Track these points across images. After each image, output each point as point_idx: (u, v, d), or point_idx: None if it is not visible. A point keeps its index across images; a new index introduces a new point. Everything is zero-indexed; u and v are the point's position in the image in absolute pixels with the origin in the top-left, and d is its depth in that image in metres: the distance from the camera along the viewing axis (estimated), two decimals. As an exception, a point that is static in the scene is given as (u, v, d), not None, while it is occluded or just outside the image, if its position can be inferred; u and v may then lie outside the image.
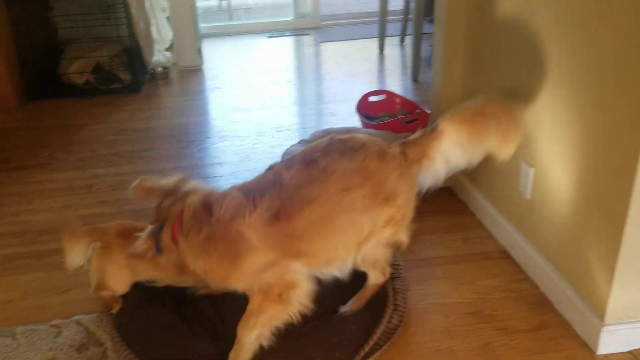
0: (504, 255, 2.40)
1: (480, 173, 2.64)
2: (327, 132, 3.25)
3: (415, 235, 2.51)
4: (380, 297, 2.04)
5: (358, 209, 1.74)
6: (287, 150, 3.06)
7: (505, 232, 2.41)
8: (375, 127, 3.25)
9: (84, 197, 3.04)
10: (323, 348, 1.83)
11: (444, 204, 2.82)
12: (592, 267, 1.87)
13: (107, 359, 1.92)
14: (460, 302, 2.14)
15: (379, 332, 1.90)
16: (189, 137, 3.81)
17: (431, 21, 5.80)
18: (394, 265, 2.13)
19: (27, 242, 2.62)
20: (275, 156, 3.38)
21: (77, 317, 2.10)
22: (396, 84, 4.72)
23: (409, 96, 4.10)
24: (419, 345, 1.95)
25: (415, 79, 4.72)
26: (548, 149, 2.07)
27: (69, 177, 3.25)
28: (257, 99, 4.51)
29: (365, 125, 3.35)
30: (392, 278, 2.08)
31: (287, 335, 1.83)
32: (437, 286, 2.24)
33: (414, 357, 1.91)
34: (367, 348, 1.84)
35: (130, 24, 4.73)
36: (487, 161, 2.50)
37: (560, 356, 1.89)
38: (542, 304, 2.12)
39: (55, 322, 2.08)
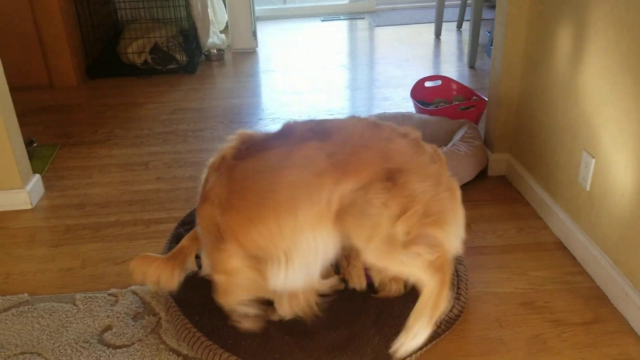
0: (559, 246, 2.35)
1: (537, 162, 2.57)
2: (380, 117, 3.24)
3: (467, 224, 2.48)
4: None
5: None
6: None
7: (562, 224, 2.35)
8: (430, 113, 3.21)
9: (140, 173, 3.13)
10: (382, 332, 1.83)
11: (499, 193, 2.77)
12: (654, 262, 1.81)
13: (161, 328, 1.98)
14: (512, 292, 2.11)
15: (439, 320, 1.86)
16: (242, 118, 3.85)
17: (490, 7, 5.67)
18: None
19: (86, 214, 2.72)
20: (327, 139, 3.39)
21: (132, 288, 2.18)
22: (452, 70, 4.64)
23: (466, 83, 4.02)
24: (468, 332, 1.94)
25: (471, 66, 4.62)
26: (611, 140, 2.00)
27: (127, 154, 3.34)
28: (309, 82, 4.51)
29: (420, 110, 3.32)
30: (456, 263, 2.06)
31: (350, 312, 1.87)
32: (489, 275, 2.20)
33: (462, 344, 1.89)
34: None
35: (187, 6, 4.81)
36: (546, 150, 2.45)
37: (613, 351, 1.84)
38: (597, 298, 2.06)
39: (112, 291, 2.16)
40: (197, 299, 1.99)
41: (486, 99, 3.06)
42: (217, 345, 1.83)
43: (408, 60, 4.91)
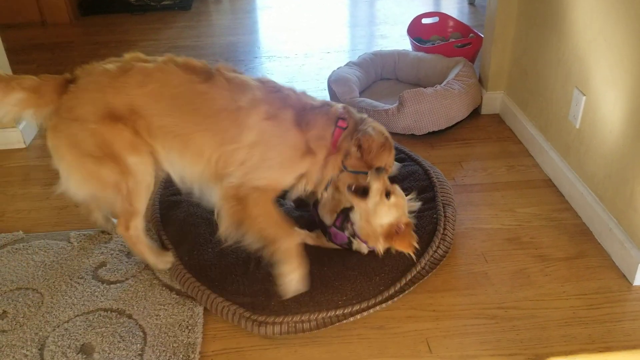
0: (548, 184, 2.36)
1: (530, 100, 2.56)
2: (376, 55, 3.19)
3: (458, 162, 2.51)
4: (429, 223, 2.01)
5: None
6: (333, 72, 3.02)
7: (551, 161, 2.36)
8: (426, 51, 3.16)
9: (134, 112, 3.11)
10: (363, 272, 1.86)
11: (491, 131, 2.77)
12: (637, 199, 1.83)
13: (153, 264, 2.03)
14: (499, 229, 2.14)
15: (423, 261, 1.90)
16: (238, 56, 3.81)
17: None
18: (444, 192, 2.11)
19: (81, 153, 2.73)
20: (323, 78, 3.36)
21: (127, 225, 2.21)
22: (452, 6, 4.53)
23: (465, 20, 3.94)
24: (453, 267, 1.98)
25: (471, 2, 4.51)
26: (602, 76, 1.98)
27: (121, 93, 3.32)
28: (306, 19, 4.42)
29: (416, 48, 3.27)
30: (444, 205, 2.06)
31: (332, 260, 1.89)
32: (477, 212, 2.23)
33: (447, 279, 1.94)
34: (409, 276, 1.87)
35: (180, -61, 4.66)
36: (539, 88, 2.43)
37: (594, 285, 1.88)
38: (582, 234, 2.09)
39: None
40: (190, 239, 2.02)
41: (482, 36, 3.00)
42: (205, 286, 1.87)
43: (407, -5, 4.80)
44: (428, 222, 2.00)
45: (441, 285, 1.91)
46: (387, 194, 1.79)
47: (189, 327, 1.77)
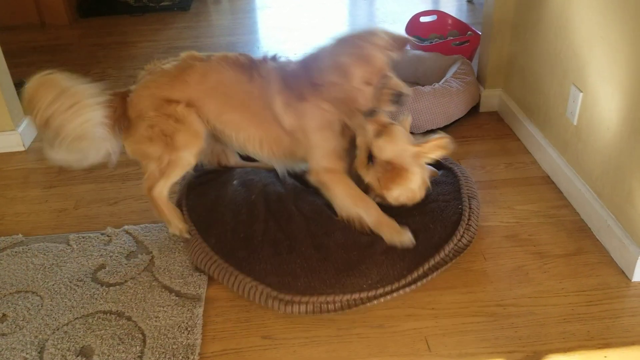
0: (547, 181, 2.36)
1: (528, 97, 2.55)
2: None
3: (456, 160, 2.51)
4: (454, 213, 2.03)
5: None
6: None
7: (550, 158, 2.36)
8: (424, 49, 3.16)
9: (133, 114, 3.12)
10: (389, 257, 1.89)
11: (489, 129, 2.76)
12: (635, 195, 1.83)
13: (154, 266, 2.03)
14: (497, 226, 2.14)
15: (447, 248, 1.92)
16: (236, 56, 3.80)
17: None
18: (469, 186, 2.13)
19: (80, 156, 2.74)
20: (321, 77, 3.36)
21: (126, 227, 2.22)
22: (450, 4, 4.53)
23: (463, 18, 3.94)
24: (452, 265, 1.97)
25: (469, 0, 4.51)
26: (598, 73, 1.98)
27: (120, 94, 3.33)
28: (306, 18, 4.43)
29: (415, 47, 3.26)
30: (469, 198, 2.08)
31: (358, 242, 1.93)
32: (475, 210, 2.23)
33: (446, 276, 1.94)
34: (432, 261, 1.89)
35: (178, -60, 4.67)
36: (537, 85, 2.43)
37: (593, 282, 1.88)
38: (580, 231, 2.09)
39: (105, 230, 2.21)
40: (218, 225, 2.05)
41: (480, 34, 3.00)
42: (233, 267, 1.91)
43: (406, -7, 4.79)
44: (453, 213, 2.02)
45: (440, 284, 1.92)
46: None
47: (188, 329, 1.78)
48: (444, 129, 2.70)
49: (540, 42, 2.39)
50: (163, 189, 2.06)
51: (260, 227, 2.00)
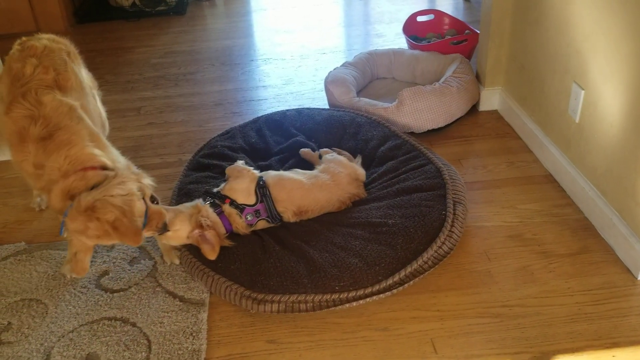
0: (549, 180, 2.36)
1: (529, 95, 2.55)
2: (371, 54, 3.19)
3: (457, 160, 2.51)
4: (437, 219, 1.99)
5: None
6: (330, 73, 3.02)
7: (552, 157, 2.35)
8: (422, 49, 3.16)
9: (132, 119, 3.12)
10: (364, 260, 1.87)
11: (490, 128, 2.76)
12: (639, 193, 1.82)
13: (157, 271, 2.03)
14: (500, 226, 2.14)
15: (426, 256, 1.90)
16: (234, 59, 3.80)
17: None
18: (456, 190, 2.09)
19: (80, 162, 2.72)
20: (319, 79, 3.36)
21: (128, 233, 2.21)
22: (446, 3, 4.52)
23: (460, 16, 3.93)
24: (456, 266, 1.98)
25: (466, -2, 4.51)
26: (600, 70, 1.97)
27: (118, 100, 3.32)
28: (301, 20, 4.42)
29: (412, 46, 3.26)
30: (454, 203, 2.05)
31: (336, 244, 1.93)
32: (478, 210, 2.23)
33: (450, 278, 1.93)
34: (409, 269, 1.87)
35: (173, -57, 4.66)
36: (537, 82, 2.42)
37: (599, 280, 1.88)
38: (585, 229, 2.09)
39: (108, 237, 2.20)
40: None
41: (478, 32, 3.00)
42: (210, 269, 1.93)
43: (402, -7, 4.79)
44: (436, 219, 1.99)
45: (444, 285, 1.91)
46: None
47: (193, 334, 1.77)
48: (445, 128, 2.70)
49: (540, 39, 2.38)
50: None
51: None
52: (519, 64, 2.62)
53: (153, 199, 1.86)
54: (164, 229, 1.87)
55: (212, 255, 1.91)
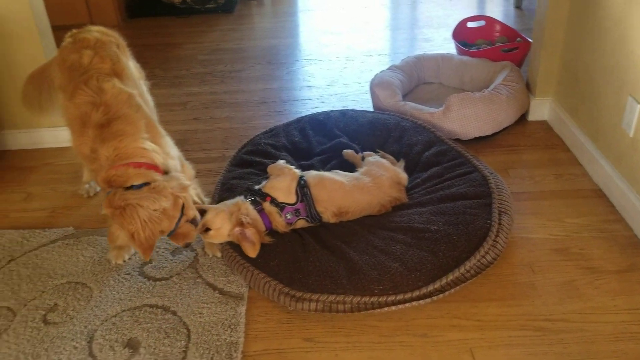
0: (598, 194, 2.30)
1: (580, 107, 2.50)
2: (419, 58, 3.17)
3: (504, 169, 2.47)
4: (482, 228, 1.96)
5: None
6: (376, 76, 3.01)
7: (602, 170, 2.29)
8: (472, 55, 3.12)
9: (179, 113, 3.17)
10: (405, 265, 1.86)
11: (539, 138, 2.71)
12: (696, 211, 1.76)
13: (198, 263, 2.05)
14: (546, 239, 2.09)
15: (468, 264, 1.87)
16: (279, 59, 3.83)
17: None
18: (502, 199, 2.05)
19: (127, 152, 2.78)
20: (364, 82, 3.35)
21: (171, 224, 2.24)
22: (497, 10, 4.47)
23: (511, 24, 3.88)
24: (499, 277, 1.94)
25: (517, 6, 4.44)
26: (660, 84, 1.92)
27: (166, 94, 3.38)
28: (348, 22, 4.43)
29: (461, 52, 3.23)
30: (500, 213, 2.01)
31: (376, 247, 1.93)
32: (524, 221, 2.18)
33: (493, 288, 1.90)
34: (450, 276, 1.84)
35: (226, -58, 4.73)
36: (590, 94, 2.37)
37: (648, 300, 1.83)
38: (634, 247, 2.03)
39: (152, 226, 2.24)
40: None
41: (530, 41, 2.95)
42: (250, 264, 1.94)
43: (451, -1, 4.75)
44: (480, 227, 1.96)
45: (486, 295, 1.88)
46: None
47: (232, 327, 1.79)
48: (492, 136, 2.67)
49: (595, 50, 2.33)
50: None
51: None
52: (572, 75, 2.56)
53: (194, 220, 1.88)
54: (205, 228, 1.93)
55: (252, 253, 1.93)
